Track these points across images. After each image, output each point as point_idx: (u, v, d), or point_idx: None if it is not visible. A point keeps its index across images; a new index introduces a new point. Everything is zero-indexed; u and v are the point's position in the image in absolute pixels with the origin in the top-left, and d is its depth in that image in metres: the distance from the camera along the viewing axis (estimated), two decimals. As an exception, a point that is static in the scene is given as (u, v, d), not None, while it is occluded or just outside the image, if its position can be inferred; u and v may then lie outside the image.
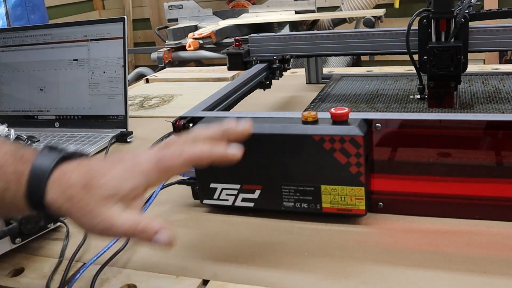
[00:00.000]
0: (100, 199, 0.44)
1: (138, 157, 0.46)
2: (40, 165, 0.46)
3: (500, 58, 2.71)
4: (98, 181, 0.44)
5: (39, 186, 0.45)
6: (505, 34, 0.82)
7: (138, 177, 0.45)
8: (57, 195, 0.45)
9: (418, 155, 0.58)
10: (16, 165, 0.46)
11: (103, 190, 0.44)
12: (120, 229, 0.44)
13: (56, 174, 0.45)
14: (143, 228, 0.44)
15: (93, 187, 0.44)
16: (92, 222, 0.44)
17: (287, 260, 0.54)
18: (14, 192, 0.45)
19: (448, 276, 0.49)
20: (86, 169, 0.46)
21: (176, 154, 0.46)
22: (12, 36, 1.10)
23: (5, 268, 0.59)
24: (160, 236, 0.44)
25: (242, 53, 0.97)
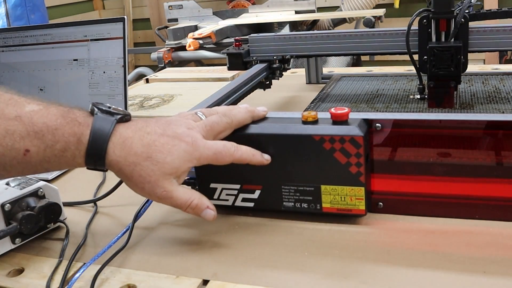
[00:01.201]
0: (164, 174, 0.52)
1: (198, 142, 0.54)
2: (100, 127, 0.52)
3: (500, 58, 2.71)
4: (164, 158, 0.52)
5: (101, 147, 0.51)
6: (505, 34, 0.82)
7: (195, 161, 0.54)
8: (120, 159, 0.52)
9: (418, 155, 0.58)
10: (72, 127, 0.51)
11: (167, 167, 0.52)
12: (177, 202, 0.54)
13: (117, 137, 0.52)
14: (196, 205, 0.55)
15: (158, 162, 0.52)
16: (154, 190, 0.53)
17: (287, 260, 0.55)
18: (74, 152, 0.51)
19: (448, 276, 0.49)
20: (148, 141, 0.52)
21: (229, 153, 0.55)
22: (12, 36, 1.10)
23: (5, 268, 0.59)
24: (206, 213, 0.56)
25: (242, 53, 0.97)
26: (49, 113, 0.51)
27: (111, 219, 0.68)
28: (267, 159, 0.58)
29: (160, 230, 0.64)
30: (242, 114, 0.60)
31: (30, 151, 0.50)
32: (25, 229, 0.59)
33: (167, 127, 0.54)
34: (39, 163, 0.51)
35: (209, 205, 0.56)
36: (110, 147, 0.52)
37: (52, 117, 0.51)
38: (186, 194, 0.54)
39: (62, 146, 0.50)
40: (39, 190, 0.61)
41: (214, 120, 0.57)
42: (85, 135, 0.51)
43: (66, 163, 0.52)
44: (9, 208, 0.58)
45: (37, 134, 0.50)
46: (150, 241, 0.61)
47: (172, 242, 0.61)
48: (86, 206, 0.72)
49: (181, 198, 0.54)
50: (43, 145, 0.50)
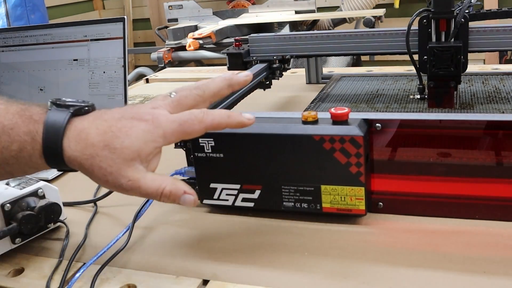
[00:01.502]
0: (125, 160, 0.46)
1: (159, 118, 0.48)
2: (53, 123, 0.47)
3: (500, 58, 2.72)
4: (122, 143, 0.46)
5: (56, 144, 0.47)
6: (505, 34, 0.82)
7: (159, 140, 0.48)
8: (76, 153, 0.47)
9: (418, 155, 0.58)
10: (27, 125, 0.47)
11: (127, 152, 0.46)
12: (147, 191, 0.47)
13: (72, 131, 0.47)
14: (169, 192, 0.48)
15: (116, 148, 0.46)
16: (118, 181, 0.47)
17: (287, 260, 0.55)
18: (30, 152, 0.47)
19: (448, 276, 0.49)
20: (104, 128, 0.47)
21: (197, 120, 0.49)
22: (12, 36, 1.10)
23: (5, 268, 0.59)
24: (185, 199, 0.48)
25: (242, 53, 0.97)
26: (7, 112, 0.48)
27: (111, 219, 0.68)
28: (248, 117, 0.52)
29: (160, 230, 0.64)
30: (216, 83, 0.54)
31: None
32: (25, 229, 0.59)
33: (128, 110, 0.49)
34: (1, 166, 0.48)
35: (186, 190, 0.49)
36: (65, 143, 0.47)
37: (9, 115, 0.47)
38: (156, 181, 0.48)
39: (17, 146, 0.47)
40: (39, 190, 0.61)
41: (183, 94, 0.52)
42: (39, 132, 0.47)
43: (26, 164, 0.48)
44: (9, 208, 0.58)
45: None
46: (150, 241, 0.61)
47: (172, 242, 0.61)
48: (86, 206, 0.72)
49: (151, 186, 0.47)
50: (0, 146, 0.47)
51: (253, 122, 0.52)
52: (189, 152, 0.65)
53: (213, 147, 0.61)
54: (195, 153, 0.62)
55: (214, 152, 0.61)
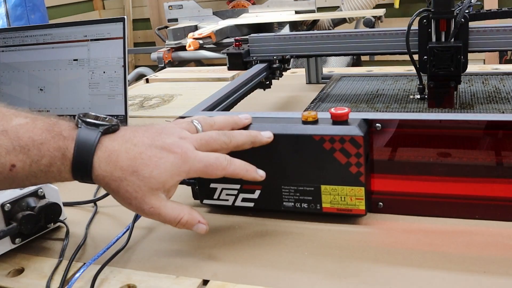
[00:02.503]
0: (151, 189, 0.50)
1: (188, 153, 0.52)
2: (84, 141, 0.50)
3: (500, 58, 2.72)
4: (150, 172, 0.50)
5: (86, 162, 0.50)
6: (505, 34, 0.82)
7: (183, 174, 0.52)
8: (105, 173, 0.50)
9: (418, 155, 0.58)
10: (57, 141, 0.49)
11: (154, 182, 0.50)
12: (166, 218, 0.52)
13: (102, 151, 0.50)
14: (186, 221, 0.52)
15: (145, 177, 0.50)
16: (141, 206, 0.51)
17: (287, 260, 0.55)
18: (59, 168, 0.50)
19: (448, 276, 0.49)
20: (135, 154, 0.50)
21: (221, 167, 0.53)
22: (12, 36, 1.10)
23: (5, 268, 0.59)
24: (198, 228, 0.53)
25: (242, 53, 0.97)
26: (35, 127, 0.50)
27: (111, 219, 0.68)
28: (261, 175, 0.56)
29: (160, 230, 0.64)
30: (242, 137, 0.57)
31: (16, 166, 0.48)
32: (25, 229, 0.59)
33: (157, 137, 0.52)
34: (26, 178, 0.50)
35: (200, 219, 0.54)
36: (95, 162, 0.50)
37: (38, 131, 0.49)
38: (175, 210, 0.52)
39: (47, 161, 0.49)
40: (39, 190, 0.61)
41: (212, 135, 0.55)
42: (70, 149, 0.49)
43: (53, 178, 0.51)
44: (9, 208, 0.58)
45: (23, 149, 0.48)
46: (150, 241, 0.61)
47: (172, 242, 0.61)
48: (86, 206, 0.72)
49: (170, 214, 0.52)
50: (28, 160, 0.49)
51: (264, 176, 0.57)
52: (189, 152, 0.65)
53: (213, 147, 0.61)
54: (195, 153, 0.62)
55: (214, 152, 0.61)
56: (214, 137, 0.55)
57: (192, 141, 0.53)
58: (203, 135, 0.55)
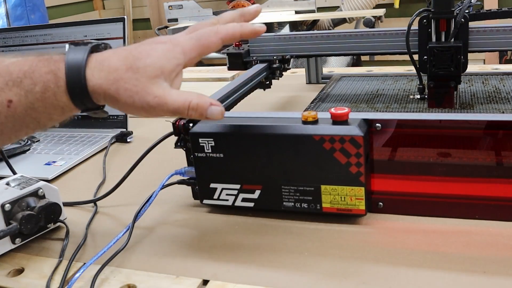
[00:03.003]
0: (149, 78, 0.48)
1: (176, 38, 0.51)
2: (73, 58, 0.48)
3: (500, 58, 2.72)
4: (144, 62, 0.48)
5: (79, 75, 0.48)
6: (505, 34, 0.82)
7: (180, 56, 0.50)
8: (100, 80, 0.48)
9: (418, 155, 0.58)
10: (47, 65, 0.49)
11: (150, 69, 0.48)
12: (174, 105, 0.49)
13: (93, 62, 0.49)
14: (196, 104, 0.49)
15: (139, 68, 0.48)
16: (145, 99, 0.48)
17: (287, 260, 0.55)
18: (54, 90, 0.48)
19: (448, 276, 0.49)
20: (125, 54, 0.49)
21: (213, 32, 0.51)
22: (12, 36, 1.10)
23: (5, 268, 0.59)
24: (212, 111, 0.50)
25: (242, 53, 0.97)
26: (25, 61, 0.49)
27: (111, 219, 0.68)
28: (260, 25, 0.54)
29: (160, 230, 0.64)
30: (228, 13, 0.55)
31: (13, 101, 0.48)
32: (25, 229, 0.59)
33: (147, 40, 0.52)
34: (25, 112, 0.48)
35: (212, 102, 0.51)
36: (88, 73, 0.48)
37: (28, 62, 0.49)
38: (182, 95, 0.50)
39: (41, 87, 0.48)
40: (39, 190, 0.62)
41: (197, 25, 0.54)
42: (61, 69, 0.48)
43: (51, 105, 0.49)
44: (9, 208, 0.58)
45: (15, 82, 0.48)
46: (150, 241, 0.61)
47: (172, 242, 0.61)
48: (86, 206, 0.72)
49: (177, 100, 0.49)
50: (23, 91, 0.48)
51: (265, 29, 0.55)
52: (189, 152, 0.65)
53: (213, 147, 0.61)
54: (195, 153, 0.62)
55: (214, 152, 0.61)
56: (201, 24, 0.54)
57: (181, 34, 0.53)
58: (191, 27, 0.54)
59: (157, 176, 0.71)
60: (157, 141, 0.68)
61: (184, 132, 0.64)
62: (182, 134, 0.64)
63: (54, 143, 0.98)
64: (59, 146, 0.95)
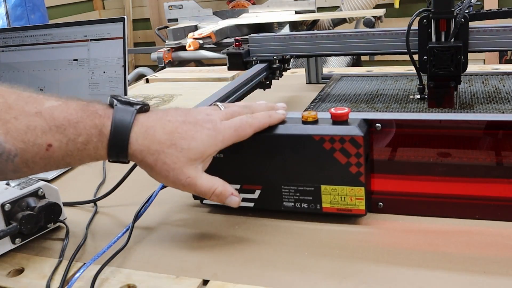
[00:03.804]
0: (189, 160, 0.52)
1: (218, 125, 0.55)
2: (121, 118, 0.51)
3: (500, 58, 2.72)
4: (188, 145, 0.52)
5: (123, 137, 0.51)
6: (505, 34, 0.82)
7: (219, 144, 0.55)
8: (143, 147, 0.52)
9: (418, 155, 0.58)
10: (93, 119, 0.51)
11: (192, 153, 0.52)
12: (201, 189, 0.54)
13: (139, 127, 0.52)
14: (220, 192, 0.55)
15: (183, 149, 0.52)
16: (178, 177, 0.52)
17: (287, 260, 0.55)
18: (95, 145, 0.51)
19: (448, 276, 0.49)
20: (171, 128, 0.53)
21: (248, 125, 0.56)
22: (12, 36, 1.10)
23: (5, 268, 0.59)
24: (231, 200, 0.56)
25: (242, 53, 0.97)
26: (69, 108, 0.51)
27: (111, 219, 0.68)
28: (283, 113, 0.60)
29: (160, 230, 0.64)
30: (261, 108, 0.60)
31: (52, 146, 0.49)
32: (25, 229, 0.59)
33: (187, 114, 0.55)
34: (62, 158, 0.50)
35: (233, 192, 0.56)
36: (132, 137, 0.51)
37: (72, 111, 0.50)
38: (210, 181, 0.55)
39: (84, 139, 0.50)
40: (39, 190, 0.61)
41: (235, 109, 0.58)
42: (107, 126, 0.51)
43: (88, 156, 0.51)
44: (9, 208, 0.58)
45: (59, 129, 0.49)
46: (150, 241, 0.61)
47: (172, 242, 0.61)
48: (86, 206, 0.72)
49: (206, 185, 0.54)
50: (65, 139, 0.50)
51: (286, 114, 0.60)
52: (189, 152, 0.65)
53: (213, 147, 0.61)
54: (195, 153, 0.62)
55: (214, 152, 0.61)
56: (237, 110, 0.58)
57: (219, 115, 0.56)
58: (227, 109, 0.58)
59: (157, 176, 0.71)
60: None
61: (184, 132, 0.63)
62: (182, 134, 0.64)
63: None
64: (59, 146, 0.95)
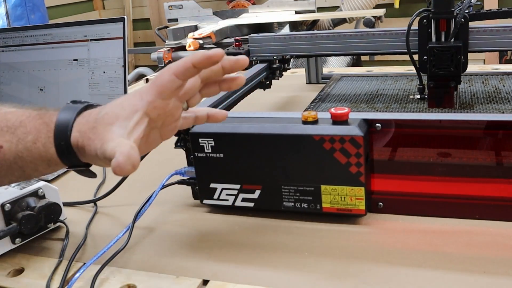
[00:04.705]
0: (104, 126, 0.48)
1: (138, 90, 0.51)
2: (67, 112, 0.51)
3: (500, 58, 2.71)
4: (103, 113, 0.49)
5: (66, 128, 0.50)
6: (505, 34, 0.82)
7: (136, 100, 0.49)
8: (77, 135, 0.49)
9: (418, 155, 0.58)
10: (43, 117, 0.51)
11: (107, 117, 0.49)
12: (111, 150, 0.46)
13: (80, 118, 0.50)
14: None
15: (99, 119, 0.49)
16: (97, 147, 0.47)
17: (287, 260, 0.54)
18: (44, 140, 0.50)
19: (448, 276, 0.49)
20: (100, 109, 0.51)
21: (165, 71, 0.49)
22: (12, 36, 1.10)
23: (5, 268, 0.59)
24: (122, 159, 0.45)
25: (242, 53, 0.97)
26: (24, 111, 0.51)
27: (111, 219, 0.68)
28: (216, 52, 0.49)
29: (160, 230, 0.64)
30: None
31: (3, 147, 0.49)
32: (25, 229, 0.59)
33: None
34: (13, 160, 0.50)
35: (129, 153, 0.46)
36: (74, 126, 0.49)
37: (26, 113, 0.51)
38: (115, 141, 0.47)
39: (33, 137, 0.50)
40: (39, 190, 0.61)
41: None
42: (53, 120, 0.50)
43: (39, 156, 0.50)
44: (9, 208, 0.58)
45: (10, 129, 0.50)
46: (150, 241, 0.61)
47: (172, 242, 0.61)
48: (86, 206, 0.72)
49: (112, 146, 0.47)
50: (15, 139, 0.50)
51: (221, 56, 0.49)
52: (189, 152, 0.65)
53: (213, 147, 0.61)
54: (195, 153, 0.62)
55: (214, 152, 0.61)
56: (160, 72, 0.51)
57: None
58: None
59: (157, 176, 0.71)
60: None
61: (184, 132, 0.64)
62: (182, 134, 0.64)
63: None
64: (59, 146, 0.95)
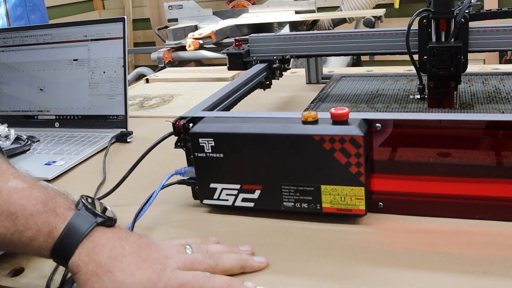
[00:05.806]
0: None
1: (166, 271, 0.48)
2: (76, 227, 0.48)
3: (500, 58, 2.71)
4: (124, 279, 0.47)
5: (70, 247, 0.47)
6: (505, 34, 0.82)
7: None
8: (79, 263, 0.47)
9: (418, 155, 0.58)
10: (48, 216, 0.47)
11: None
12: None
13: (88, 242, 0.48)
14: None
15: (116, 281, 0.47)
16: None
17: (287, 261, 0.54)
18: (42, 243, 0.47)
19: (448, 276, 0.49)
20: (117, 255, 0.48)
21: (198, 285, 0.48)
22: (12, 36, 1.10)
23: (5, 268, 0.58)
24: None
25: (242, 53, 0.97)
26: (30, 195, 0.48)
27: (111, 219, 0.68)
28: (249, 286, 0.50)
29: (160, 230, 0.64)
30: (231, 260, 0.53)
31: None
32: (25, 230, 0.58)
33: (145, 247, 0.50)
34: (5, 244, 0.48)
35: None
36: (78, 249, 0.47)
37: (32, 200, 0.48)
38: None
39: (32, 234, 0.47)
40: (39, 190, 0.61)
41: (197, 258, 0.52)
42: (59, 229, 0.48)
43: (31, 251, 0.48)
44: (9, 208, 0.58)
45: (11, 215, 0.47)
46: (150, 241, 0.61)
47: (172, 242, 0.61)
48: (86, 206, 0.72)
49: None
50: (13, 228, 0.47)
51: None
52: (189, 152, 0.65)
53: (213, 147, 0.61)
54: (195, 153, 0.62)
55: (214, 152, 0.61)
56: (199, 259, 0.51)
57: (176, 261, 0.50)
58: (189, 256, 0.52)
59: (157, 176, 0.71)
60: (157, 141, 0.68)
61: (184, 132, 0.64)
62: (182, 134, 0.64)
63: (54, 143, 0.98)
64: (59, 146, 0.95)
